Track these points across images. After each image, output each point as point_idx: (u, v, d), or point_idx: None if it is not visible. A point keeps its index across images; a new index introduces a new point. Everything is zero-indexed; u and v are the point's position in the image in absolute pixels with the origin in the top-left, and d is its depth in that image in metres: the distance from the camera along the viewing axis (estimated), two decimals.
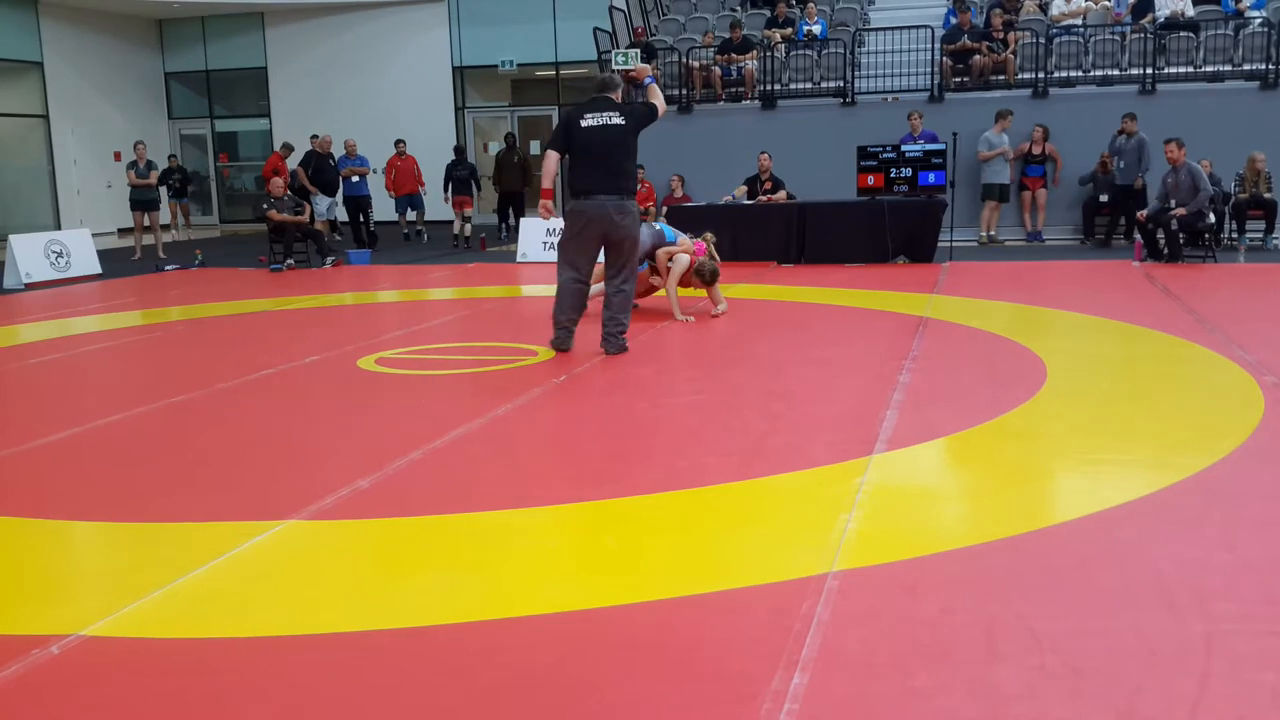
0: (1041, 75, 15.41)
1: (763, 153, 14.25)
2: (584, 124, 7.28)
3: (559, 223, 15.12)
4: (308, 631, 3.25)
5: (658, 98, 7.68)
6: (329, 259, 14.41)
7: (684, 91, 16.84)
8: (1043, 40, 15.56)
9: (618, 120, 7.29)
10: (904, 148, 13.13)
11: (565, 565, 3.76)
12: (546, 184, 7.44)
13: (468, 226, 17.10)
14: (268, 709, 2.79)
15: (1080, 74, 15.60)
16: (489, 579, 3.63)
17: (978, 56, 15.69)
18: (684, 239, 9.02)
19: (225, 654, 3.11)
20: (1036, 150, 14.66)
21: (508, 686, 2.87)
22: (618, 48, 17.32)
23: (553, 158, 7.42)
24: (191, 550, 3.91)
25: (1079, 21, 16.22)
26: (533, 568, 3.72)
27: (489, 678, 2.92)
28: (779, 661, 2.93)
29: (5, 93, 20.85)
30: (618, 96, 7.54)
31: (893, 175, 12.99)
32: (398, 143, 17.83)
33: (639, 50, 16.98)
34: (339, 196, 17.22)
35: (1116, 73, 15.44)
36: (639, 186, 7.54)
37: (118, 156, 20.88)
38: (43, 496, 4.68)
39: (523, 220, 15.47)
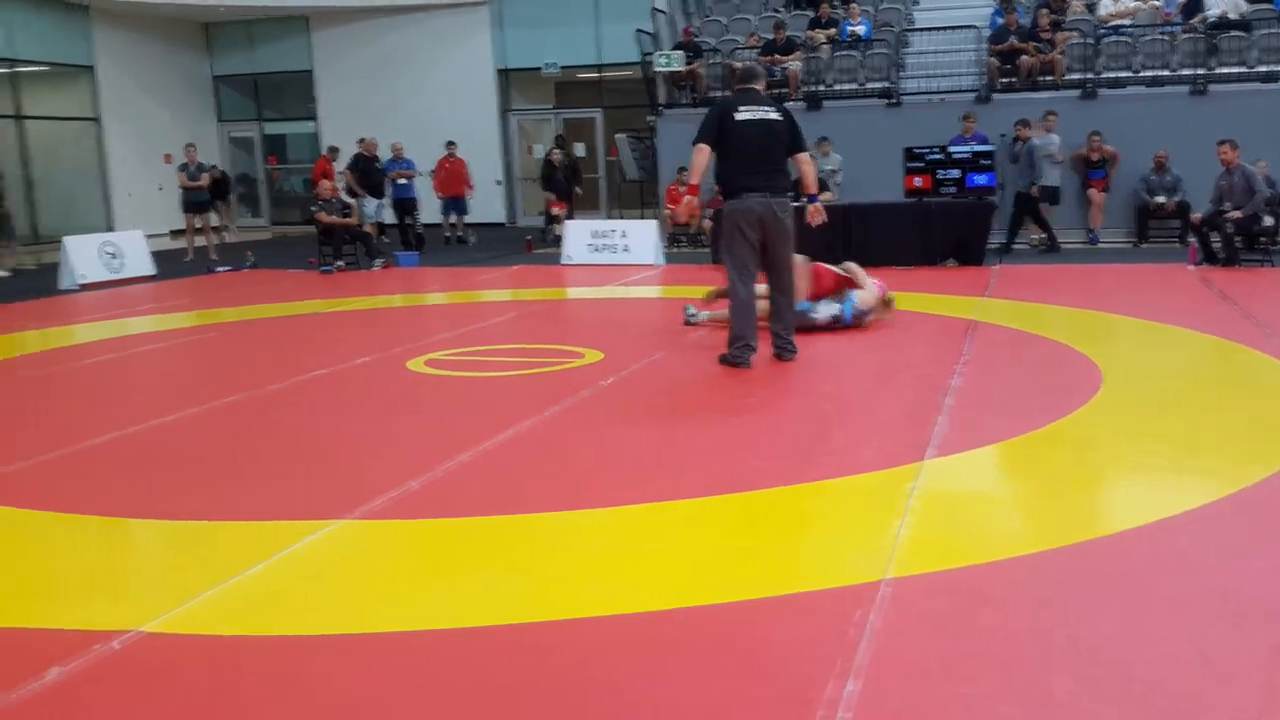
0: (1090, 76, 15.23)
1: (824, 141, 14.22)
2: (739, 117, 6.89)
3: (601, 224, 15.26)
4: (359, 630, 3.28)
5: None
6: (377, 261, 14.52)
7: (726, 93, 16.81)
8: (1091, 41, 15.38)
9: (774, 115, 6.96)
10: (951, 149, 13.01)
11: (615, 568, 3.76)
12: (695, 179, 7.04)
13: (556, 227, 17.16)
14: (319, 706, 2.82)
15: (1129, 74, 15.41)
16: (539, 580, 3.64)
17: (1025, 57, 15.54)
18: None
19: (279, 652, 3.15)
20: (1094, 157, 14.40)
21: (559, 688, 2.88)
22: (660, 50, 17.34)
23: (704, 152, 6.95)
24: (246, 549, 3.96)
25: (1128, 21, 16.02)
26: (582, 570, 3.73)
27: (539, 679, 2.93)
28: (833, 668, 2.92)
29: (59, 97, 21.20)
30: (762, 86, 7.20)
31: (940, 177, 12.88)
32: (449, 144, 17.97)
33: (682, 52, 16.99)
34: (386, 199, 17.33)
35: (1166, 73, 15.23)
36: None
37: (168, 159, 21.15)
38: (101, 494, 4.75)
39: (569, 223, 15.50)
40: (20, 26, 19.76)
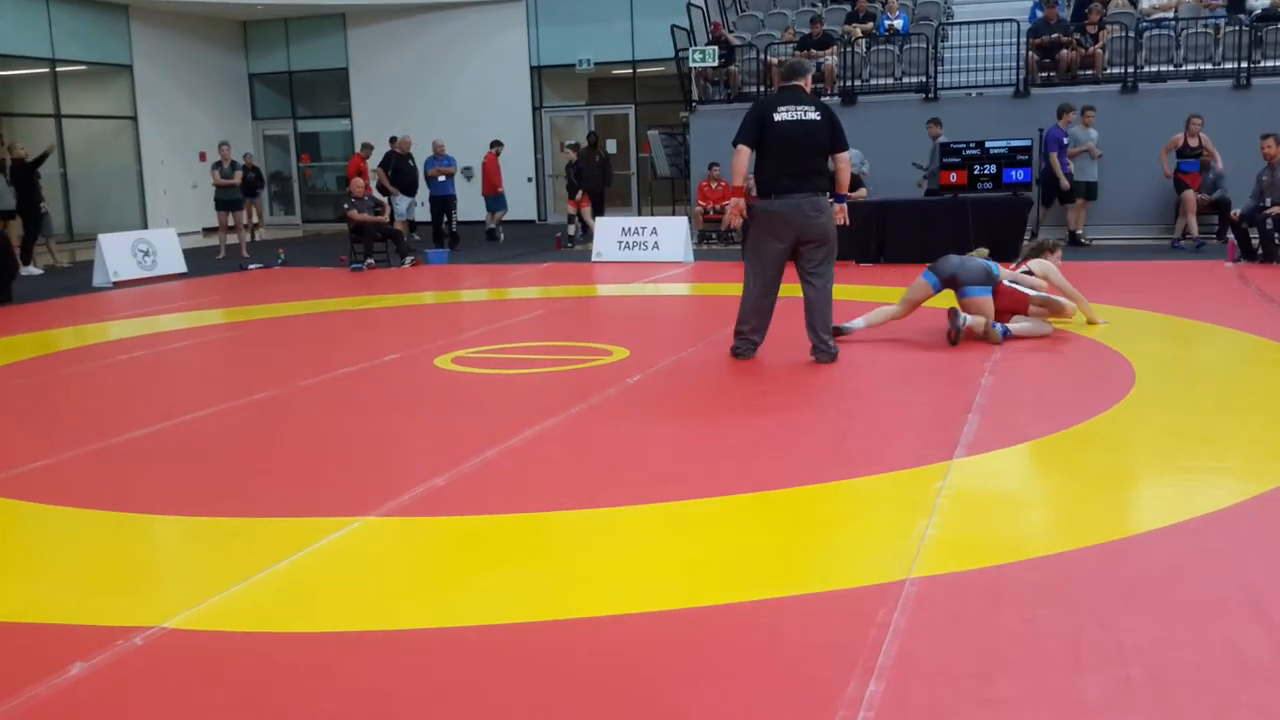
0: (1131, 70, 15.03)
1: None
2: (778, 118, 6.85)
3: (631, 221, 15.25)
4: (384, 627, 3.27)
5: None
6: (408, 258, 14.57)
7: (762, 88, 16.73)
8: (1132, 34, 15.18)
9: (813, 115, 6.89)
10: (988, 144, 12.87)
11: (639, 566, 3.73)
12: (737, 181, 7.07)
13: (570, 226, 17.23)
14: (343, 703, 2.82)
15: (1171, 68, 15.20)
16: (563, 578, 3.62)
17: (1065, 51, 15.37)
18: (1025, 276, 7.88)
19: (303, 648, 3.15)
20: (1193, 143, 13.57)
21: (580, 685, 2.86)
22: (695, 45, 17.28)
23: (744, 153, 6.90)
24: (271, 545, 3.97)
25: (1170, 14, 15.81)
26: (606, 568, 3.71)
27: (562, 676, 2.91)
28: (855, 668, 2.88)
29: (96, 95, 21.44)
30: (807, 84, 7.11)
31: (977, 172, 12.76)
32: (494, 143, 18.14)
33: (716, 48, 16.92)
34: (419, 196, 17.40)
35: (1209, 67, 15.02)
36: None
37: (203, 157, 21.35)
38: (128, 491, 4.78)
39: (599, 220, 15.50)
40: (60, 26, 19.99)
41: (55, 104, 20.38)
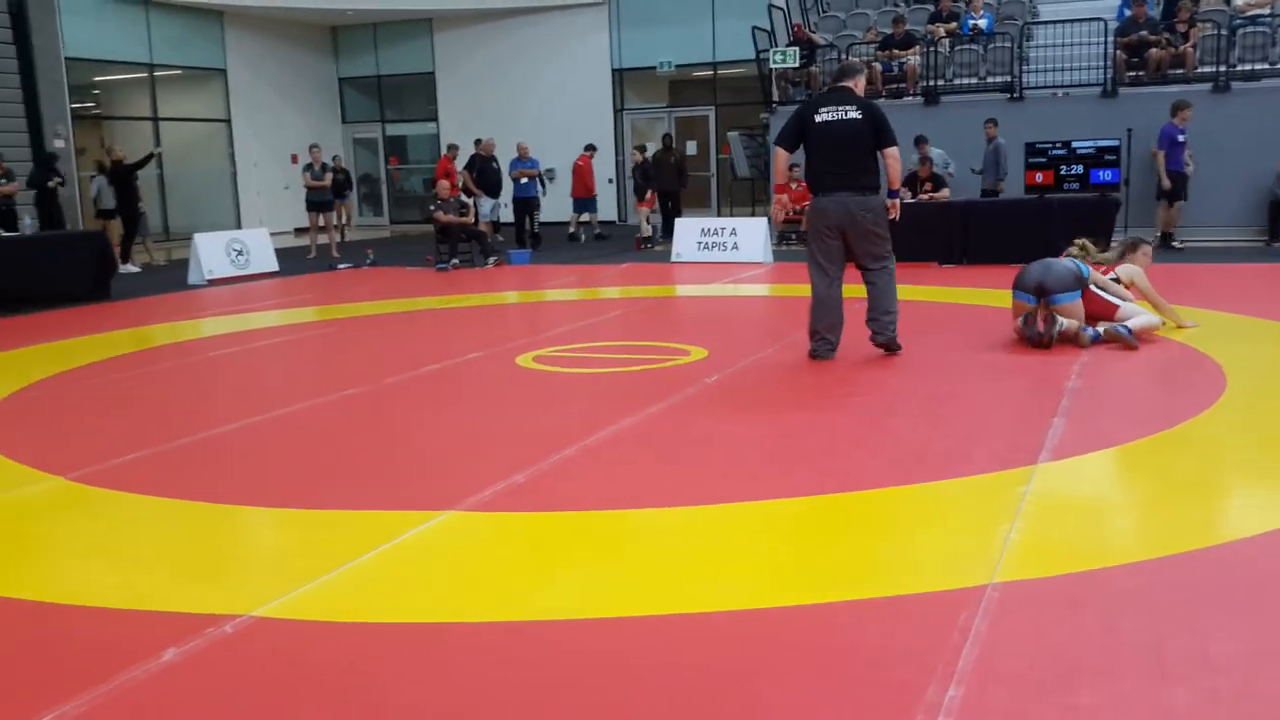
0: (1223, 68, 14.63)
1: (924, 142, 13.94)
2: (819, 119, 6.98)
3: (711, 222, 15.24)
4: (463, 620, 3.33)
5: None
6: (491, 259, 14.75)
7: (829, 85, 16.62)
8: (1225, 31, 14.77)
9: (854, 115, 6.94)
10: (1075, 144, 12.64)
11: (717, 565, 3.74)
12: (779, 180, 7.36)
13: (645, 227, 17.33)
14: (423, 693, 2.87)
15: (1266, 66, 14.76)
16: (641, 576, 3.65)
17: (1154, 50, 15.01)
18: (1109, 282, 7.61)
19: (385, 639, 3.22)
20: None
21: (656, 684, 2.88)
22: (776, 46, 17.22)
23: (780, 155, 7.19)
24: (357, 537, 4.06)
25: (1266, 11, 15.35)
26: (684, 566, 3.73)
27: (639, 674, 2.94)
28: (934, 673, 2.86)
29: (193, 98, 22.03)
30: (858, 85, 7.16)
31: (1063, 172, 12.54)
32: (588, 146, 18.32)
33: (798, 49, 16.85)
34: (502, 197, 17.60)
35: None
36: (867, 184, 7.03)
37: (294, 159, 21.80)
38: (221, 482, 4.92)
39: (677, 221, 15.52)
40: (158, 32, 20.58)
41: (153, 107, 20.98)
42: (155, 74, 20.91)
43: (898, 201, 7.22)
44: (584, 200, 18.46)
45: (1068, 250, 7.83)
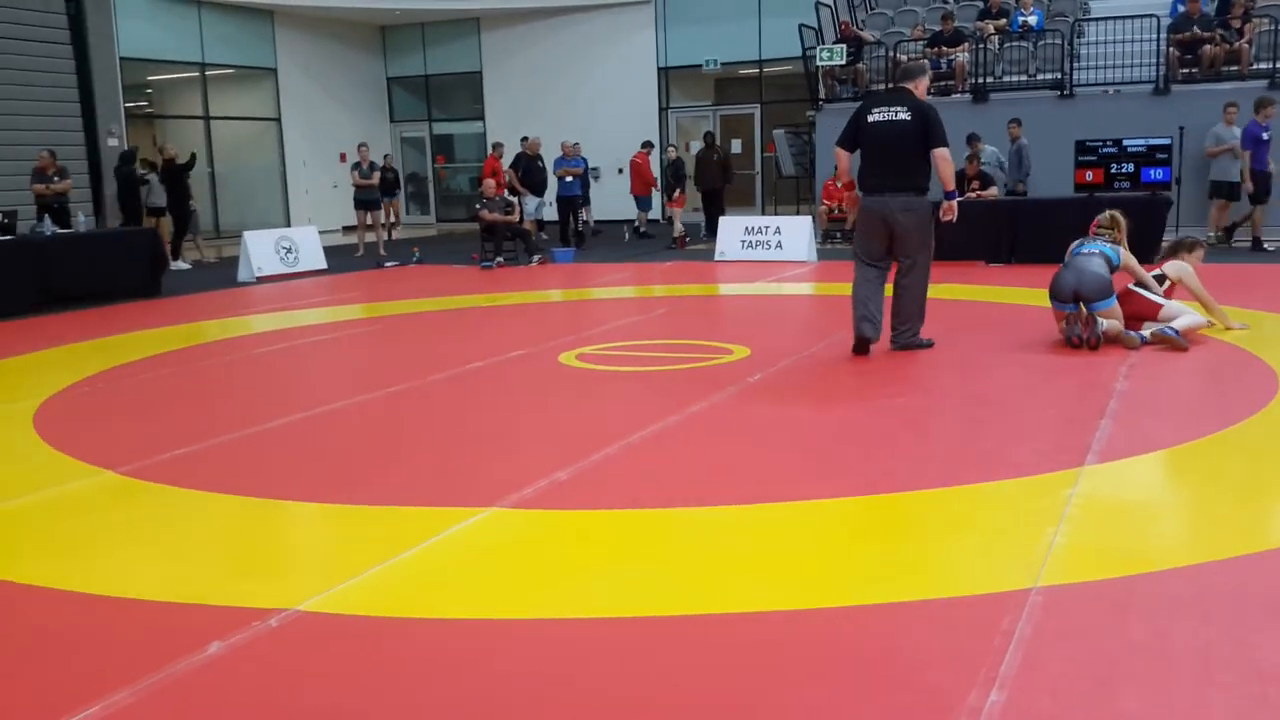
0: (1279, 65, 14.36)
1: (976, 140, 13.82)
2: (870, 119, 7.13)
3: (755, 220, 15.20)
4: (506, 616, 3.35)
5: None
6: (535, 257, 14.80)
7: (889, 85, 16.51)
8: None
9: (904, 116, 7.02)
10: (1126, 142, 12.46)
11: (758, 565, 3.73)
12: (845, 178, 7.71)
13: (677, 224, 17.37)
14: (465, 687, 2.89)
15: None
16: (681, 574, 3.65)
17: (1208, 46, 14.77)
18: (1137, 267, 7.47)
19: (428, 633, 3.24)
20: None
21: (693, 683, 2.88)
22: (823, 44, 17.13)
23: (841, 155, 7.34)
24: (401, 533, 4.09)
25: None
26: (725, 565, 3.72)
27: (675, 673, 2.94)
28: (977, 676, 2.83)
29: (244, 97, 22.30)
30: (918, 87, 7.23)
31: (1114, 171, 12.37)
32: (645, 144, 18.37)
33: (845, 46, 16.76)
34: (548, 196, 17.66)
35: None
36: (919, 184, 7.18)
37: (343, 158, 22.00)
38: (266, 477, 4.98)
39: (722, 219, 15.49)
40: (210, 31, 20.85)
41: (204, 106, 21.27)
42: (207, 73, 21.19)
43: (953, 203, 7.23)
44: (643, 198, 18.52)
45: (1097, 222, 7.66)
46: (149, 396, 6.99)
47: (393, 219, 19.45)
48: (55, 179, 14.25)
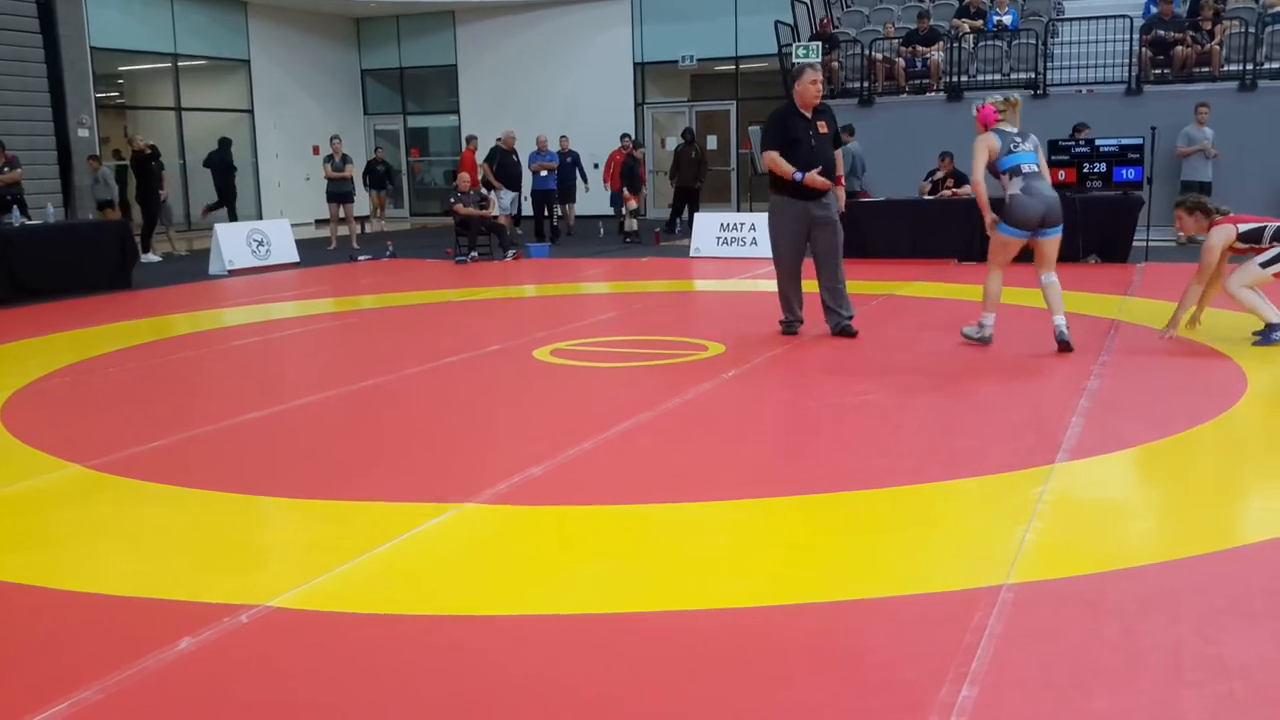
0: (1249, 67, 14.51)
1: (945, 157, 13.86)
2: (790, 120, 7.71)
3: (730, 217, 15.22)
4: (479, 613, 3.34)
5: None
6: (509, 252, 14.77)
7: (865, 84, 16.56)
8: (1252, 30, 14.65)
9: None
10: (1099, 142, 12.55)
11: (731, 561, 3.74)
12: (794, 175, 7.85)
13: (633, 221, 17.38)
14: (437, 685, 2.88)
15: None
16: (654, 571, 3.65)
17: (1180, 47, 14.90)
18: None
19: (400, 630, 3.23)
20: None
21: (669, 678, 2.88)
22: (799, 41, 17.16)
23: (771, 155, 7.80)
24: (373, 529, 4.07)
25: None
26: (698, 562, 3.73)
27: (649, 670, 2.94)
28: (947, 673, 2.85)
29: (217, 89, 22.13)
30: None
31: (1086, 170, 12.45)
32: (623, 138, 18.30)
33: (820, 44, 16.79)
34: (523, 191, 17.62)
35: None
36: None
37: (315, 150, 21.88)
38: (238, 472, 4.95)
39: (696, 215, 15.50)
40: (182, 22, 20.68)
41: (176, 97, 21.08)
42: (179, 64, 21.00)
43: (812, 176, 7.61)
44: (620, 194, 18.45)
45: (996, 111, 7.86)
46: (119, 390, 6.93)
47: (379, 212, 19.40)
48: (4, 169, 14.01)
